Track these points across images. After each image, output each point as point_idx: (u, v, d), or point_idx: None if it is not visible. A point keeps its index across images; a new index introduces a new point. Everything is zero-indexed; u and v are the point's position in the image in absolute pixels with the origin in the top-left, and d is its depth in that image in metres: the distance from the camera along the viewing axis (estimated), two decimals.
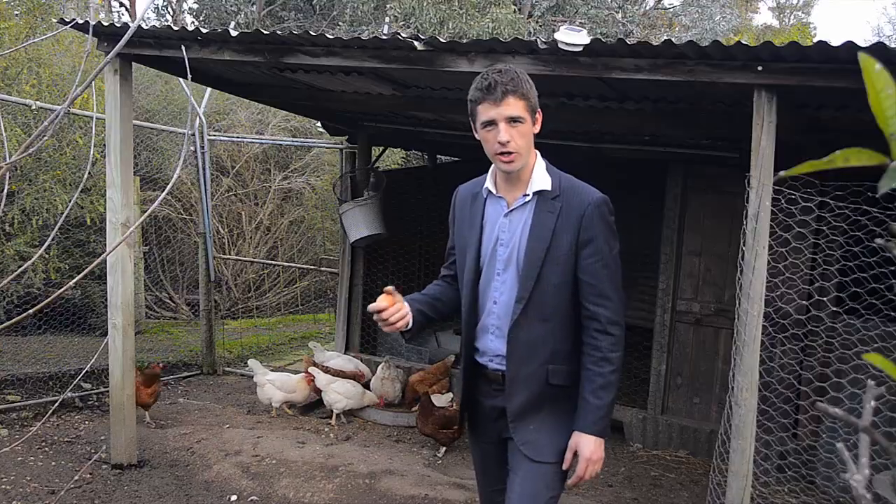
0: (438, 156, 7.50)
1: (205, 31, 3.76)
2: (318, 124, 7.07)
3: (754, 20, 25.20)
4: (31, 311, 1.54)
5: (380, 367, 5.64)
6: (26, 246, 5.62)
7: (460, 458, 4.76)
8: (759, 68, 2.90)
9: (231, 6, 14.56)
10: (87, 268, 1.48)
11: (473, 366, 2.28)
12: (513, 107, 2.01)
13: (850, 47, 2.62)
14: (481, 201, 2.22)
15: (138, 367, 4.54)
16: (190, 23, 14.94)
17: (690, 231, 5.22)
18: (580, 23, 13.18)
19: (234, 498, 3.92)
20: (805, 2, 26.56)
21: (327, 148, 8.23)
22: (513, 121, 2.03)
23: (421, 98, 4.71)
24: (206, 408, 5.45)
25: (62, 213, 5.37)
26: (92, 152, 3.24)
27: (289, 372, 5.81)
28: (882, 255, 3.31)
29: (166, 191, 1.56)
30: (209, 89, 6.19)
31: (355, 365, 5.74)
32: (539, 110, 2.11)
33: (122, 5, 15.33)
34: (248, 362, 5.60)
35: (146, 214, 2.97)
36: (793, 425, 4.50)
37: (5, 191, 1.62)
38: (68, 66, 6.68)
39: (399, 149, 9.06)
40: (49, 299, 1.78)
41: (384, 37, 3.47)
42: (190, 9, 16.01)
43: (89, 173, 5.89)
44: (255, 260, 9.21)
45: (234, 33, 3.66)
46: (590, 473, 2.13)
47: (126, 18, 14.95)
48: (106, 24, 3.86)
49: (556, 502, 2.20)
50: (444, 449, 4.81)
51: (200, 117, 6.43)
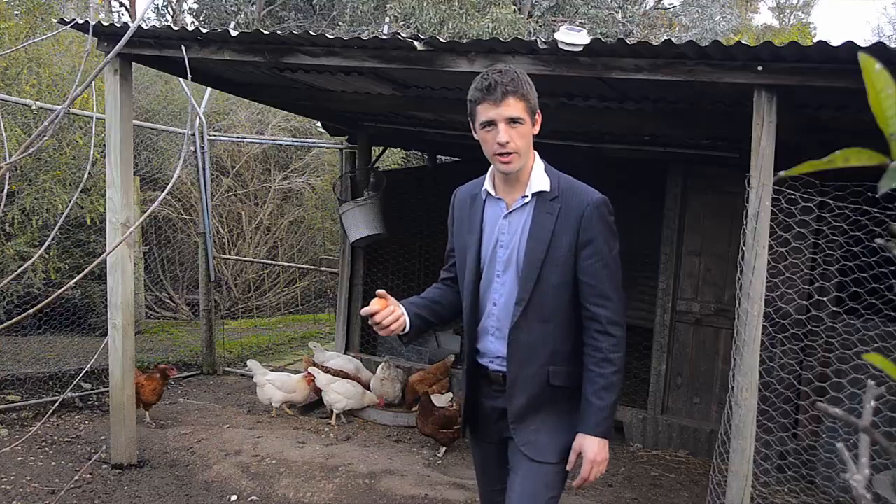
0: (438, 156, 7.50)
1: (205, 31, 3.76)
2: (318, 124, 7.07)
3: (754, 20, 25.21)
4: (31, 311, 1.54)
5: (380, 367, 5.63)
6: (26, 246, 5.62)
7: (460, 458, 4.76)
8: (759, 68, 2.90)
9: (231, 6, 14.56)
10: (87, 268, 1.47)
11: (475, 367, 2.28)
12: (512, 107, 2.01)
13: (850, 47, 2.62)
14: (480, 203, 2.21)
15: (154, 365, 4.52)
16: (190, 23, 14.94)
17: (690, 231, 5.22)
18: (580, 23, 13.18)
19: (234, 498, 3.92)
20: (805, 2, 26.56)
21: (327, 148, 8.23)
22: (512, 121, 2.02)
23: (421, 98, 4.71)
24: (206, 408, 5.45)
25: (62, 213, 5.37)
26: (92, 152, 3.24)
27: (289, 372, 5.81)
28: (882, 255, 3.31)
29: (166, 191, 1.56)
30: (209, 89, 6.19)
31: (355, 367, 5.74)
32: (539, 111, 2.11)
33: (122, 5, 15.33)
34: (248, 362, 5.60)
35: (146, 214, 2.97)
36: (793, 425, 4.50)
37: (5, 191, 1.62)
38: (68, 66, 6.68)
39: (399, 149, 9.06)
40: (49, 299, 1.78)
41: (384, 37, 3.47)
42: (190, 9, 16.01)
43: (89, 173, 5.89)
44: (255, 260, 9.21)
45: (234, 33, 3.66)
46: (594, 475, 2.13)
47: (126, 18, 14.95)
48: (106, 24, 3.86)
49: (557, 502, 2.20)
50: (444, 449, 4.81)
51: (200, 117, 6.43)
